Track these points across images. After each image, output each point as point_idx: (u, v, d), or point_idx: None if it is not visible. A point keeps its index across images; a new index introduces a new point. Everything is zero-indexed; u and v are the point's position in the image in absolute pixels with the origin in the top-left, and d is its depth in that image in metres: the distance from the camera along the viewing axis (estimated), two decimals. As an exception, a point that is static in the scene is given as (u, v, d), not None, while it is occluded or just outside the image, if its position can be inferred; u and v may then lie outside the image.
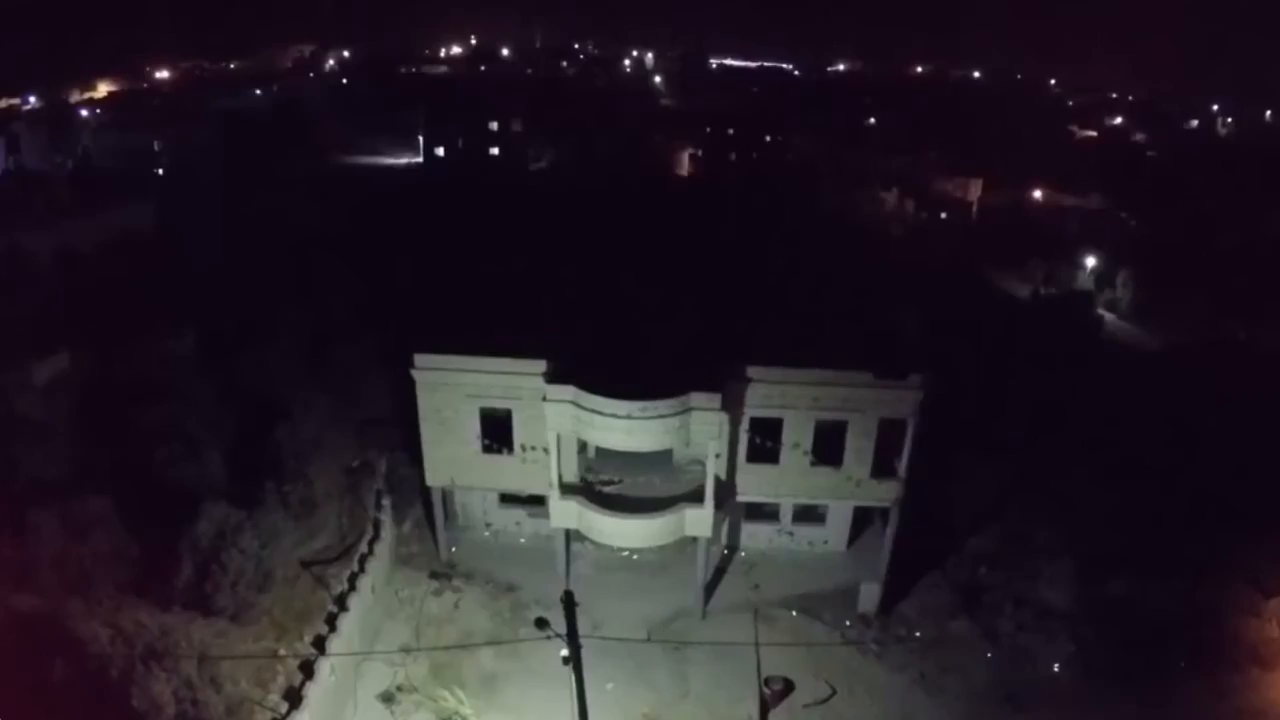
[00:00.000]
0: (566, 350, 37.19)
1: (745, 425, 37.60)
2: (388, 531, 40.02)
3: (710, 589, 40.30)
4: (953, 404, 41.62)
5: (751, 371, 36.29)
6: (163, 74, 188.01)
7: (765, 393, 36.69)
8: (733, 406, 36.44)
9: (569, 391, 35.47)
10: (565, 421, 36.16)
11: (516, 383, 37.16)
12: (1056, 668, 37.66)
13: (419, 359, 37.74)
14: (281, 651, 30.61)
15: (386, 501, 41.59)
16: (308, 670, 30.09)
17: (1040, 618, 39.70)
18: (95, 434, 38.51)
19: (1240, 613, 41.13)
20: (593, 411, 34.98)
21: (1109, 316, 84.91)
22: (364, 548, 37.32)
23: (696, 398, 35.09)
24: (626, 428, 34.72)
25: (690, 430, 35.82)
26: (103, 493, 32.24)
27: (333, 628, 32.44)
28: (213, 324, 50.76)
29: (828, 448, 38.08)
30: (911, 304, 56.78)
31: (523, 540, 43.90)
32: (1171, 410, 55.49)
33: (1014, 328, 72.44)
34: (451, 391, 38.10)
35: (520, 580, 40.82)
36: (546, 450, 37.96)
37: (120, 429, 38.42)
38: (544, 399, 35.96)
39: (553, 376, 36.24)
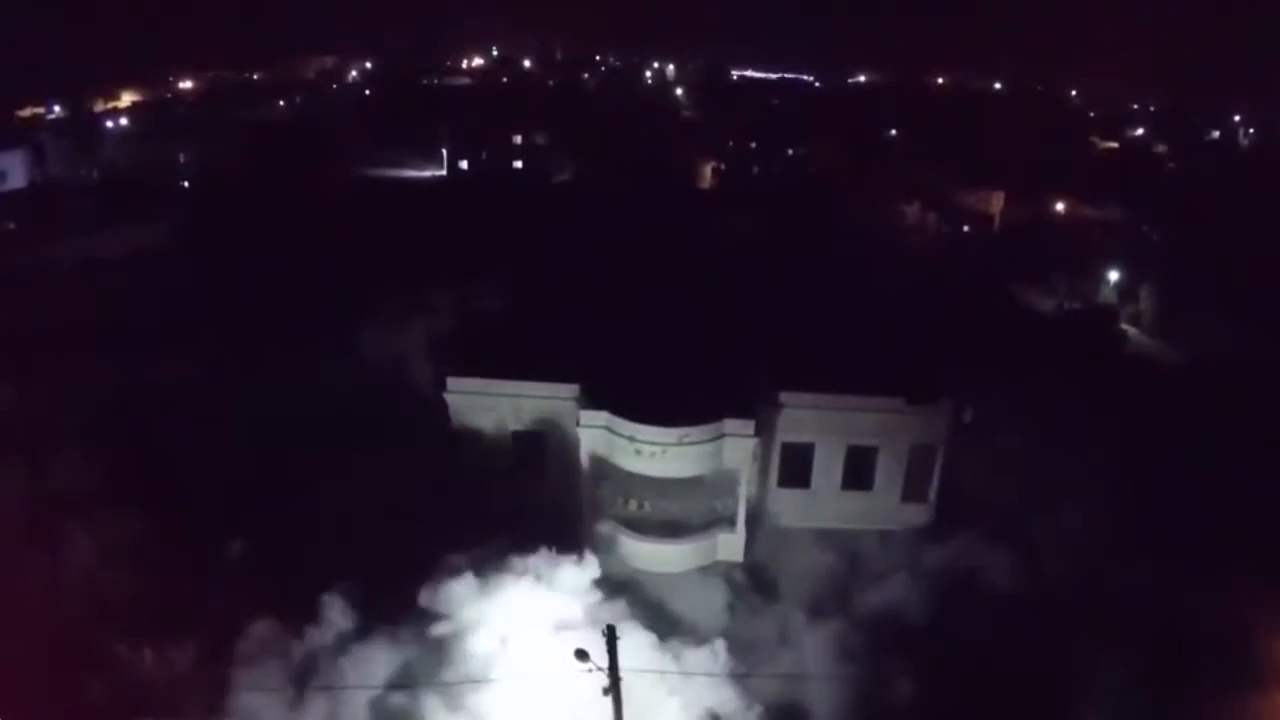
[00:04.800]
0: (598, 372, 37.28)
1: (777, 450, 37.66)
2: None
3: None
4: (981, 422, 41.41)
5: (784, 397, 36.42)
6: (186, 84, 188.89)
7: (797, 418, 36.78)
8: (765, 432, 36.53)
9: (602, 417, 35.61)
10: (598, 446, 36.27)
11: (550, 406, 37.28)
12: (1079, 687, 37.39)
13: (451, 382, 37.95)
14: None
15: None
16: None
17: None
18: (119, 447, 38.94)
19: (1269, 633, 40.80)
20: (627, 438, 35.08)
21: (1132, 331, 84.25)
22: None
23: (730, 424, 35.20)
24: (661, 454, 34.81)
25: (723, 456, 35.92)
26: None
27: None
28: (237, 339, 51.34)
29: (858, 472, 38.12)
30: (939, 322, 56.63)
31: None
32: (1198, 426, 55.26)
33: (1038, 344, 72.15)
34: (484, 415, 38.24)
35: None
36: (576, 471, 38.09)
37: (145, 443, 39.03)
38: (578, 424, 36.07)
39: (585, 401, 36.35)
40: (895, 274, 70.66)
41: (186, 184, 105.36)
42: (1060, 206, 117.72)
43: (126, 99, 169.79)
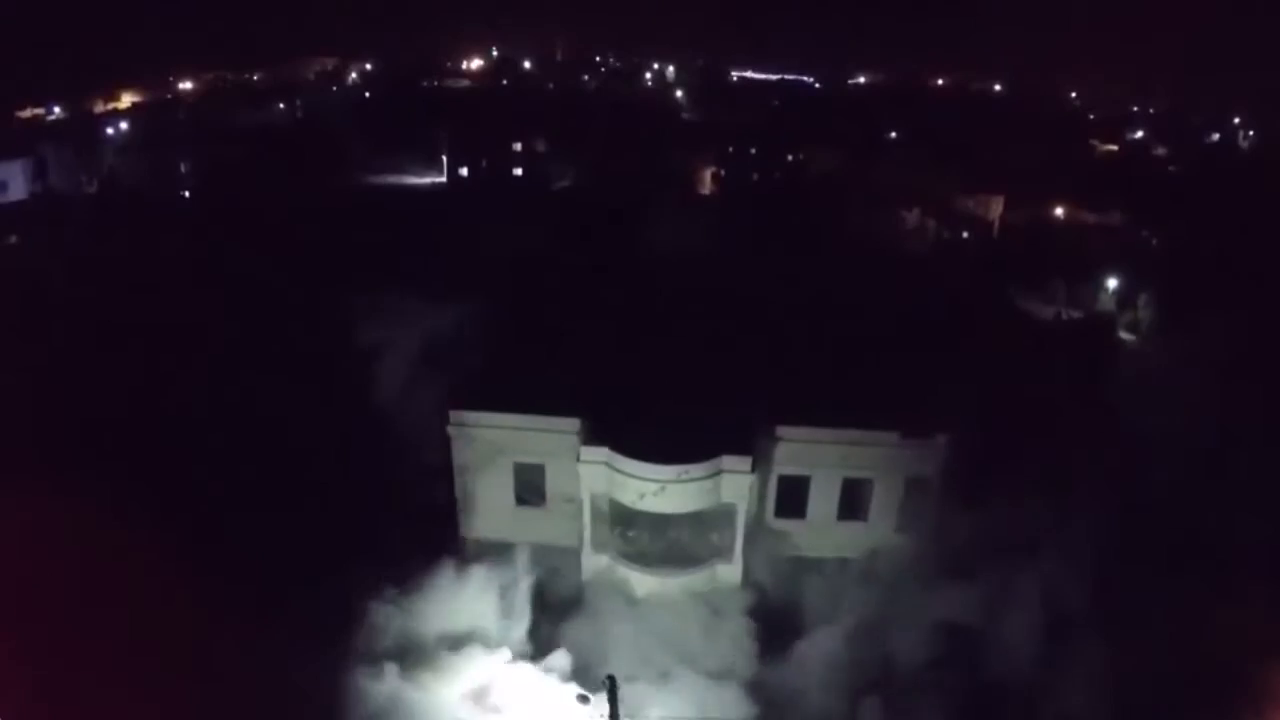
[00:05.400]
0: (597, 405, 37.79)
1: (774, 482, 38.26)
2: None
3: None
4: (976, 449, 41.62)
5: (781, 431, 37.07)
6: (186, 84, 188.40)
7: (794, 451, 37.41)
8: (762, 465, 37.12)
9: (603, 453, 36.24)
10: (599, 481, 36.87)
11: (550, 440, 37.87)
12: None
13: (454, 415, 38.47)
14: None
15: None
16: None
17: (1061, 661, 39.77)
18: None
19: (1268, 657, 40.67)
20: (627, 475, 35.68)
21: (1130, 338, 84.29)
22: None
23: (728, 460, 35.83)
24: (660, 490, 35.45)
25: (721, 491, 36.55)
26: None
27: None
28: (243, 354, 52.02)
29: (854, 503, 38.71)
30: (937, 340, 56.50)
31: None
32: (1195, 441, 54.90)
33: (1035, 358, 72.18)
34: (486, 447, 38.78)
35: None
36: (577, 503, 38.65)
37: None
38: (578, 460, 36.63)
39: (587, 436, 36.92)
40: (894, 290, 70.52)
41: (187, 194, 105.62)
42: (1059, 211, 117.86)
43: (127, 100, 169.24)
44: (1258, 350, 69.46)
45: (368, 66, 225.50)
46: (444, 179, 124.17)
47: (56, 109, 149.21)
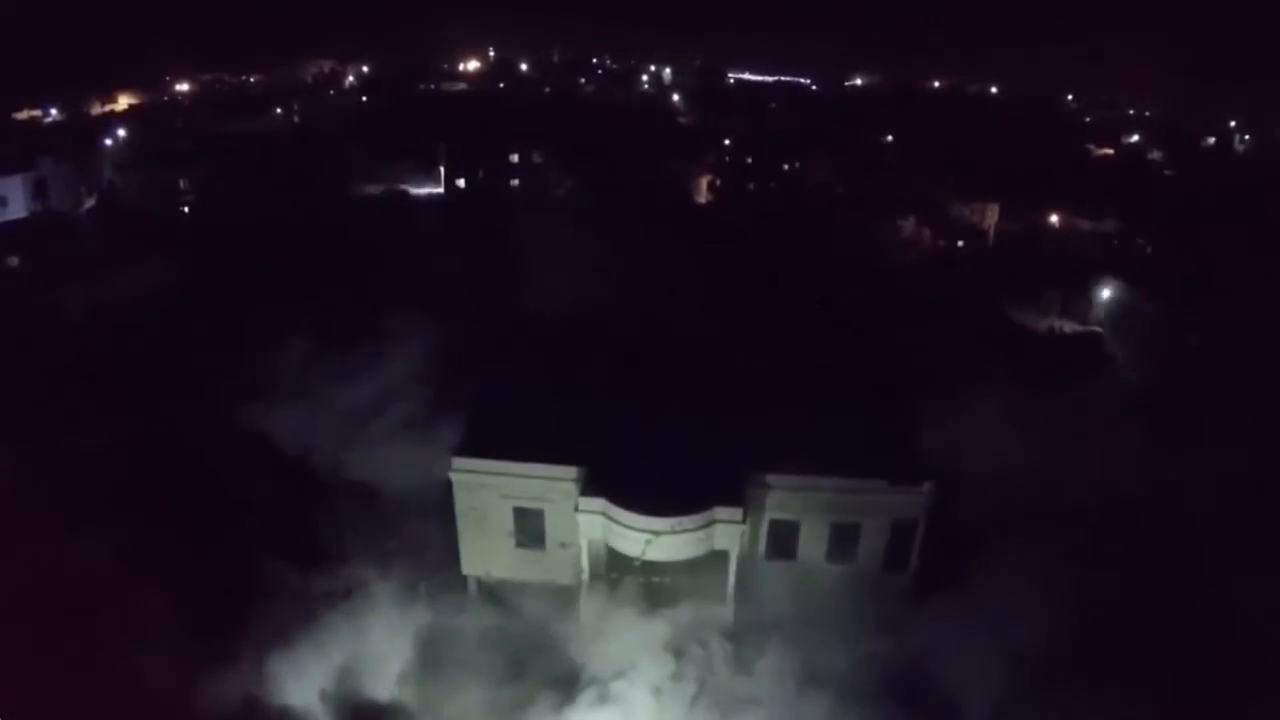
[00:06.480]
0: (595, 454, 38.89)
1: (765, 526, 39.42)
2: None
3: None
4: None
5: (771, 479, 38.31)
6: (183, 87, 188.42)
7: (784, 499, 38.62)
8: (753, 511, 38.35)
9: (600, 503, 37.40)
10: (596, 529, 38.08)
11: (550, 486, 39.01)
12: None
13: (456, 461, 39.62)
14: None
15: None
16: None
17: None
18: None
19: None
20: (623, 525, 36.80)
21: (1124, 350, 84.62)
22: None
23: (721, 511, 36.99)
24: (655, 540, 36.61)
25: (714, 539, 37.73)
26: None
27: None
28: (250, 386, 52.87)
29: (843, 546, 39.82)
30: (930, 368, 56.56)
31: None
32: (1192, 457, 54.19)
33: (1026, 377, 72.27)
34: (487, 492, 39.90)
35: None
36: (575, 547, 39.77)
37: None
38: (576, 509, 37.76)
39: (585, 485, 38.10)
40: (889, 314, 70.64)
41: (187, 209, 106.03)
42: (1054, 219, 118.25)
43: (124, 102, 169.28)
44: (1256, 355, 69.95)
45: (364, 69, 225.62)
46: (441, 189, 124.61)
47: (54, 111, 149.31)
